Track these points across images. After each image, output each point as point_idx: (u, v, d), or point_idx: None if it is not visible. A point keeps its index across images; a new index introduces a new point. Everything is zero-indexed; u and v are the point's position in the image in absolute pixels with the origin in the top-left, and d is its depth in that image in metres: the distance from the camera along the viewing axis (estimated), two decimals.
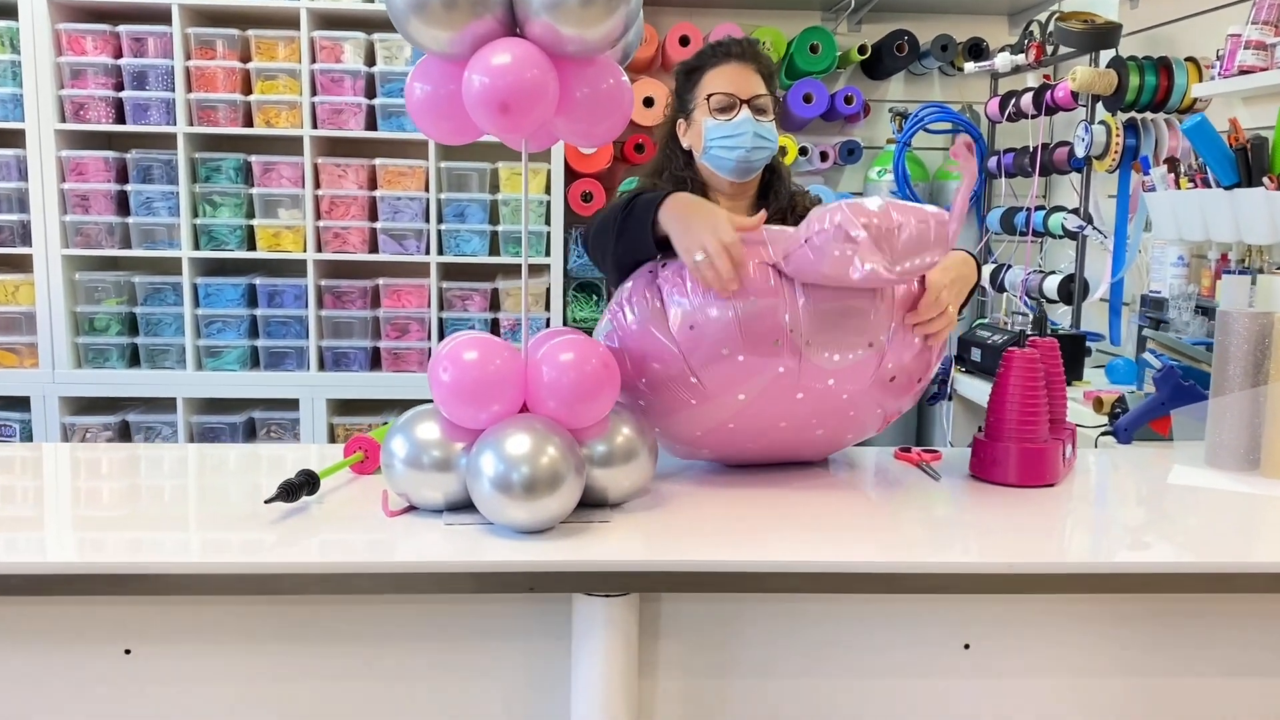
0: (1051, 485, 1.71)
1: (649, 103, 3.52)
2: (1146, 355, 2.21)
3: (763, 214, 1.61)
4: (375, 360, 3.48)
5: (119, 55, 3.28)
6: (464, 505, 1.45)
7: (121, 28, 3.26)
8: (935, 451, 1.88)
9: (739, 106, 1.92)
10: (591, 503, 1.51)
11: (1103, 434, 2.12)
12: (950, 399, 2.93)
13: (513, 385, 1.44)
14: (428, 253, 3.40)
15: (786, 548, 1.39)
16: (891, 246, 1.44)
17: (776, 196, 2.05)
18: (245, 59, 3.33)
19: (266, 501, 1.45)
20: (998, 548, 1.42)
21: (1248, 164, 2.31)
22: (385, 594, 1.38)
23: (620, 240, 1.67)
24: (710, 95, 1.93)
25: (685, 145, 2.01)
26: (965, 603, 1.45)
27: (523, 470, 1.36)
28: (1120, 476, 1.88)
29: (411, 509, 1.50)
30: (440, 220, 3.40)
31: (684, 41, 3.49)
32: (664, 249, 1.63)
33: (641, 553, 1.38)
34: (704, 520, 1.50)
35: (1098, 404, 2.37)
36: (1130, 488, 1.82)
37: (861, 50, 3.59)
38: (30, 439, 3.37)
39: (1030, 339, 1.86)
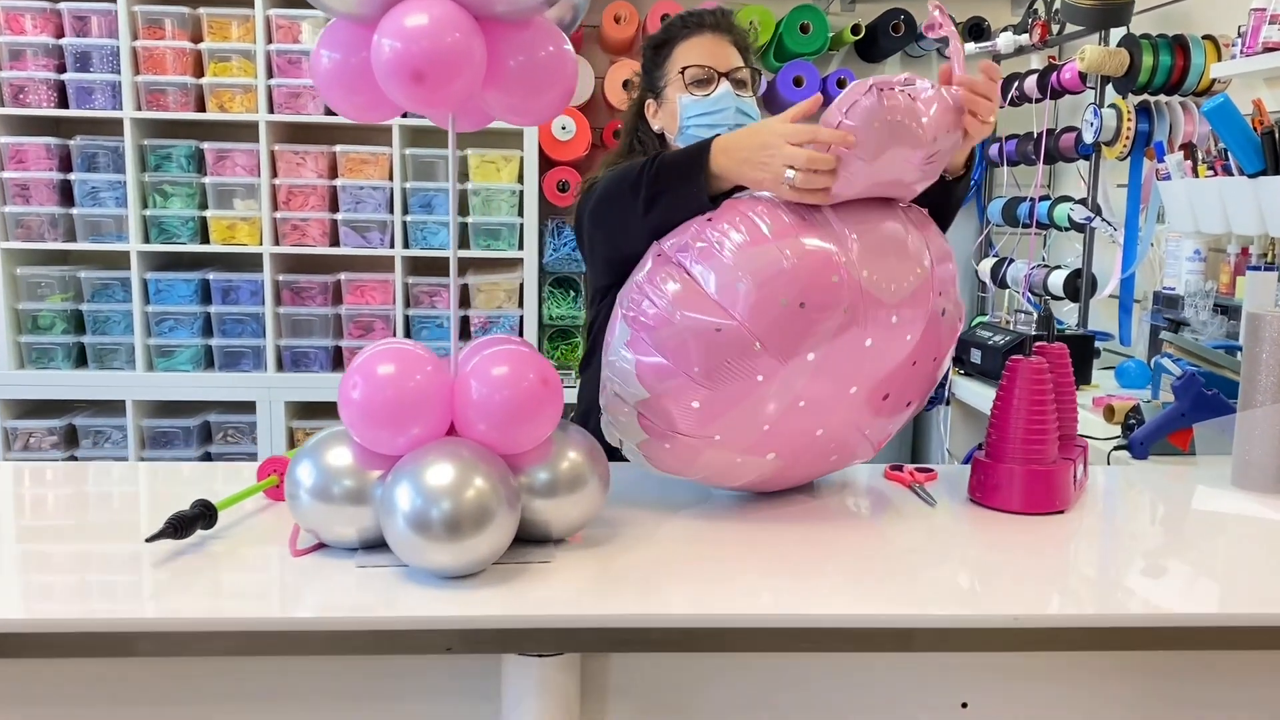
0: (1061, 512, 1.51)
1: (628, 85, 3.30)
2: (1164, 361, 2.01)
3: (817, 96, 1.40)
4: (337, 360, 3.27)
5: (61, 34, 3.07)
6: (381, 543, 1.24)
7: (63, 5, 3.05)
8: (930, 470, 1.68)
9: (717, 80, 1.73)
10: (532, 538, 1.31)
11: (1116, 448, 1.92)
12: (948, 403, 2.73)
13: (436, 404, 1.23)
14: (392, 246, 3.19)
15: (756, 598, 1.19)
16: (924, 117, 1.30)
17: None
18: (196, 39, 3.12)
19: (149, 539, 1.24)
20: (1000, 595, 1.21)
21: (1274, 149, 2.10)
22: (277, 655, 1.18)
23: (656, 205, 1.41)
24: (685, 69, 1.73)
25: (656, 128, 1.82)
26: (963, 657, 1.25)
27: (444, 506, 1.16)
28: (1136, 500, 1.68)
29: (322, 546, 1.30)
30: (406, 211, 3.19)
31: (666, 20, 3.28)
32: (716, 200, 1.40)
33: (585, 603, 1.18)
34: (663, 560, 1.30)
35: (1109, 412, 2.17)
36: (1148, 515, 1.62)
37: (855, 30, 3.38)
38: None
39: (1037, 344, 1.66)
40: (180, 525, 1.27)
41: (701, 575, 1.25)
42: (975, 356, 2.66)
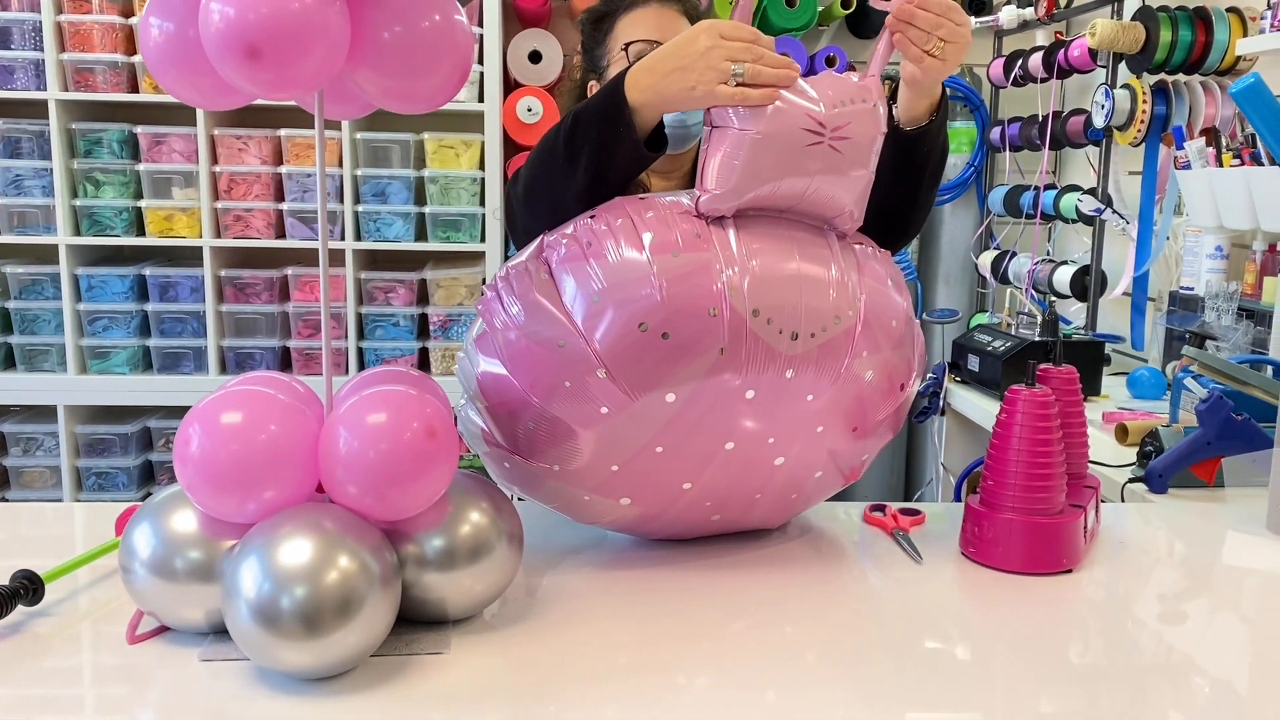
0: (1069, 571, 1.27)
1: (568, 65, 3.05)
2: (1185, 379, 1.76)
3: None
4: (285, 361, 3.03)
5: None
6: None
7: None
8: (917, 513, 1.44)
9: None
10: (423, 619, 1.07)
11: (1131, 480, 1.68)
12: (943, 414, 2.49)
13: (297, 461, 0.99)
14: (343, 238, 2.94)
15: (696, 710, 0.95)
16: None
17: None
18: (127, 14, 2.86)
19: None
20: (992, 700, 0.98)
21: None
22: None
23: (582, 165, 1.18)
24: (628, 45, 1.49)
25: None
26: None
27: (298, 593, 0.92)
28: (1158, 551, 1.44)
29: (165, 629, 1.06)
30: (357, 200, 2.94)
31: None
32: (658, 146, 1.19)
33: (488, 708, 0.95)
34: (590, 645, 1.06)
35: (1121, 432, 1.93)
36: (1172, 573, 1.37)
37: (845, 4, 3.12)
38: None
39: (1041, 367, 1.42)
40: None
41: (634, 665, 1.02)
42: (973, 363, 2.41)
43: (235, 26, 0.88)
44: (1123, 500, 1.65)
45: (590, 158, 1.19)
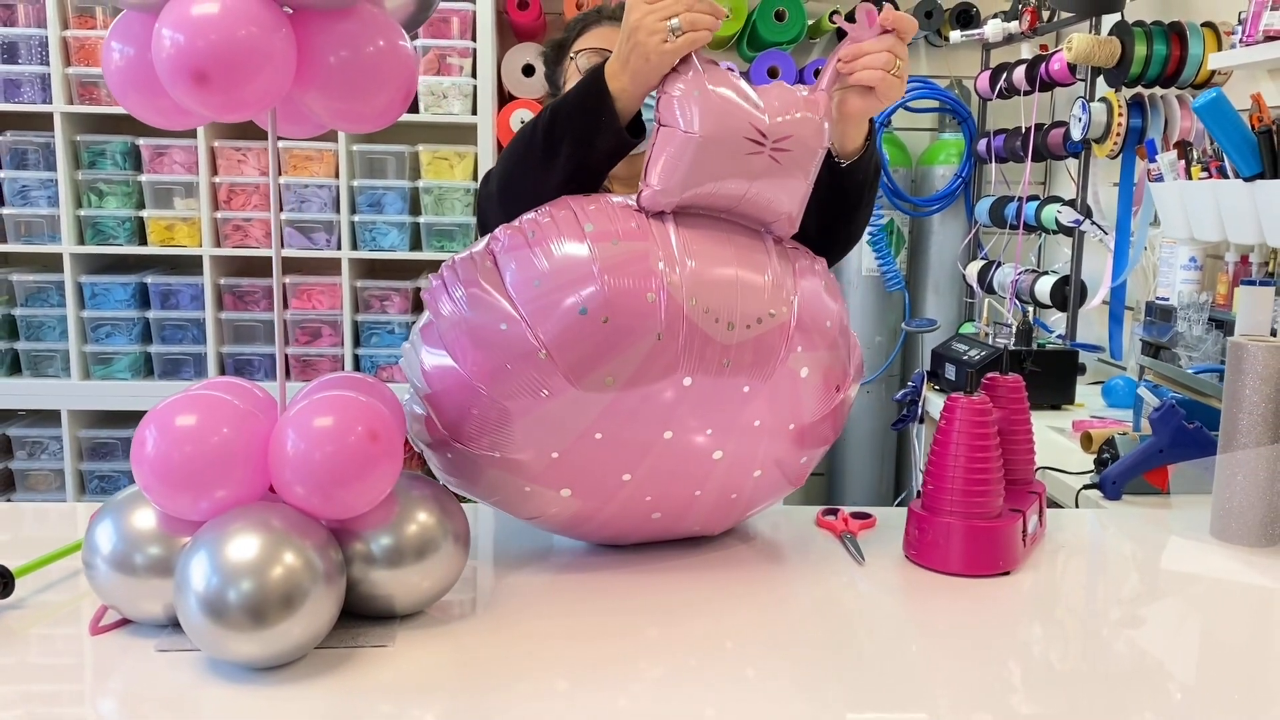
0: (1006, 573, 1.31)
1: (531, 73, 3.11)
2: (1141, 390, 1.80)
3: None
4: (284, 368, 3.09)
5: None
6: None
7: None
8: (868, 517, 1.49)
9: None
10: (372, 614, 1.12)
11: (1086, 486, 1.71)
12: (922, 421, 2.52)
13: (248, 462, 1.05)
14: (339, 247, 3.01)
15: (637, 699, 1.00)
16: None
17: None
18: None
19: None
20: (921, 697, 1.02)
21: (1273, 150, 1.89)
22: None
23: (562, 155, 1.24)
24: (576, 53, 1.56)
25: None
26: None
27: (244, 587, 0.98)
28: (1098, 555, 1.48)
29: (126, 622, 1.12)
30: (354, 210, 3.01)
31: None
32: (638, 134, 1.25)
33: (429, 698, 1.00)
34: (532, 640, 1.11)
35: (1086, 440, 1.96)
36: (1108, 576, 1.41)
37: (834, 18, 3.16)
38: None
39: (987, 375, 1.47)
40: None
41: (577, 660, 1.06)
42: (949, 372, 2.45)
43: (184, 52, 0.93)
44: (1076, 506, 1.69)
45: (572, 148, 1.23)
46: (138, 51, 1.03)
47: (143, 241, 3.01)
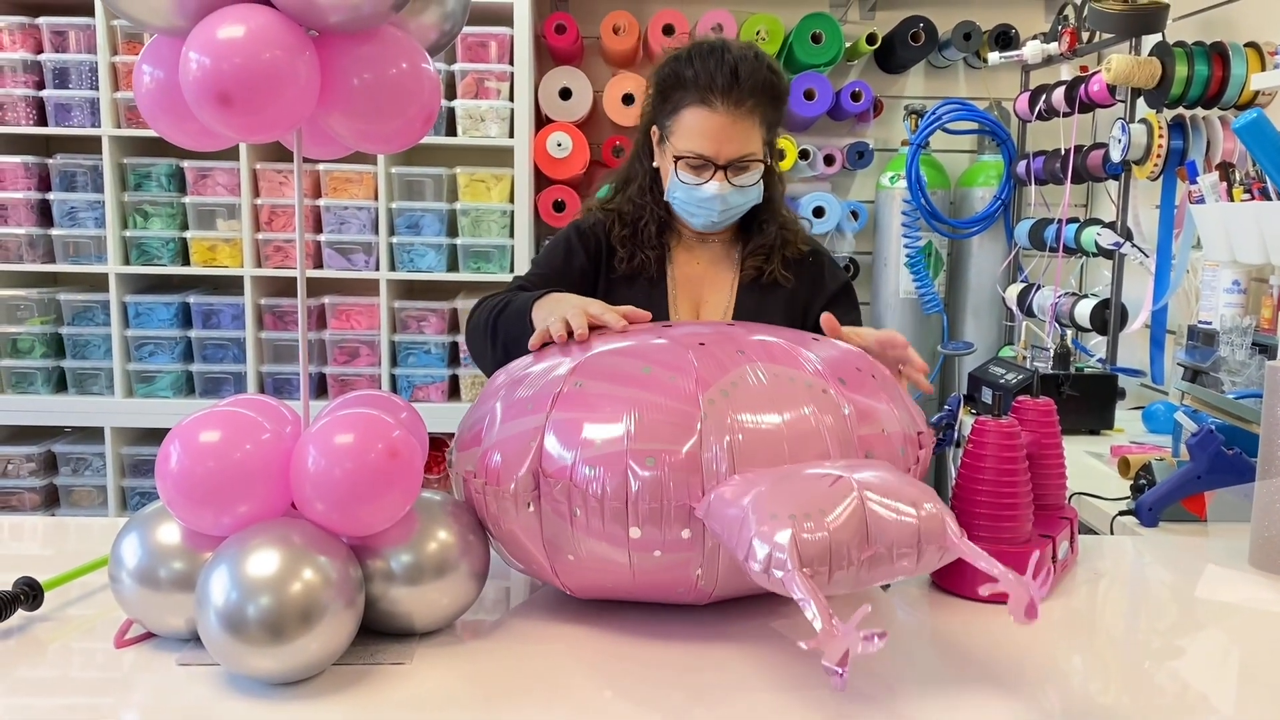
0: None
1: (628, 100, 3.13)
2: (1179, 415, 1.76)
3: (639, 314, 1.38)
4: (321, 387, 3.13)
5: (39, 50, 2.97)
6: None
7: (42, 20, 2.95)
8: None
9: (712, 172, 1.56)
10: (391, 631, 1.13)
11: (1122, 513, 1.68)
12: (958, 445, 2.49)
13: (270, 478, 1.06)
14: (378, 268, 3.04)
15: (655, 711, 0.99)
16: (849, 561, 1.00)
17: (761, 230, 1.70)
18: None
19: None
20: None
21: None
22: None
23: (500, 343, 1.51)
24: (680, 157, 1.57)
25: (655, 164, 1.68)
26: None
27: (263, 602, 0.99)
28: (1133, 583, 1.45)
29: (150, 636, 1.13)
30: (392, 232, 3.04)
31: (668, 31, 3.09)
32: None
33: (446, 716, 1.00)
34: (549, 662, 1.11)
35: (1123, 466, 1.93)
36: (1142, 605, 1.38)
37: (870, 40, 3.16)
38: None
39: (1017, 401, 1.45)
40: None
41: (594, 682, 1.06)
42: (986, 395, 2.42)
43: (209, 75, 0.95)
44: (1111, 532, 1.66)
45: (508, 344, 1.48)
46: (167, 75, 1.05)
47: (186, 262, 3.07)
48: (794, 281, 1.70)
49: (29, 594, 1.16)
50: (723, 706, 1.01)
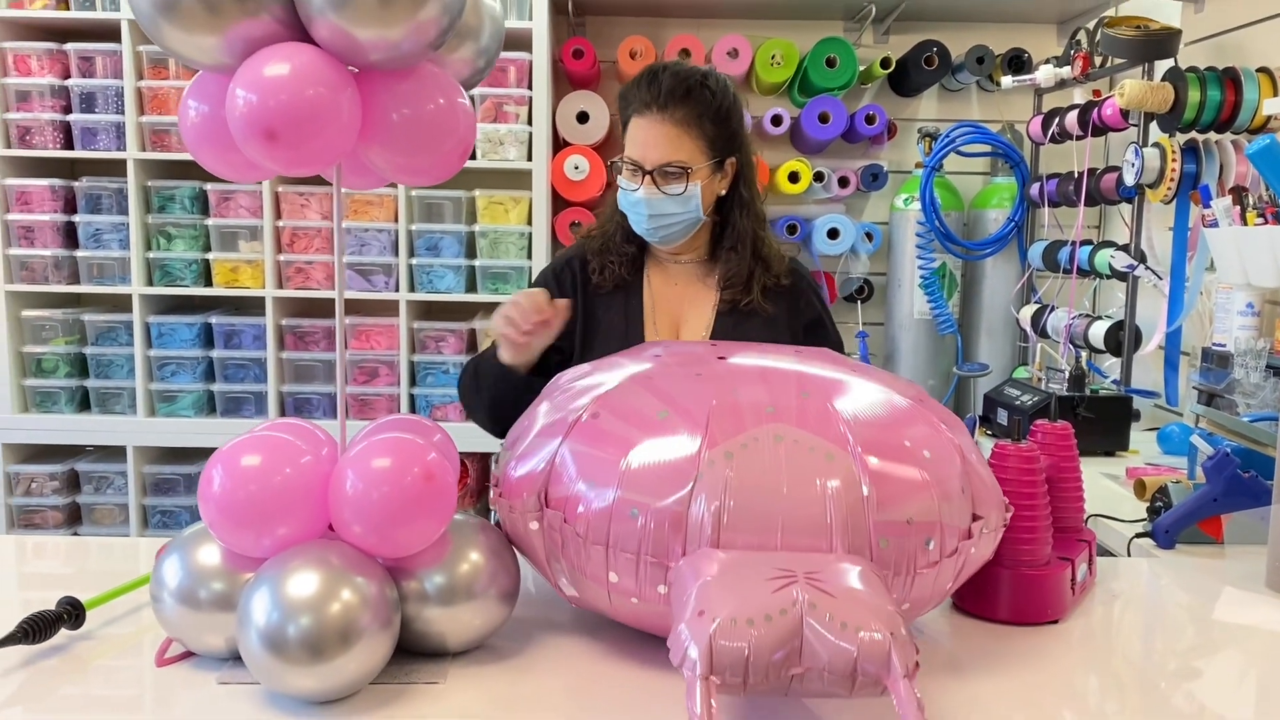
0: (1055, 621, 1.31)
1: None
2: (1195, 438, 1.78)
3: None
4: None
5: (67, 75, 3.02)
6: None
7: (69, 46, 3.00)
8: None
9: (642, 176, 1.63)
10: (425, 650, 1.15)
11: (1138, 535, 1.70)
12: None
13: (308, 501, 1.09)
14: (398, 289, 3.08)
15: None
16: (769, 676, 0.94)
17: (728, 259, 1.73)
18: None
19: None
20: None
21: None
22: None
23: (487, 394, 1.70)
24: (611, 161, 1.70)
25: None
26: None
27: (303, 622, 1.01)
28: (1150, 604, 1.47)
29: (190, 654, 1.16)
30: (411, 254, 3.08)
31: (684, 55, 3.14)
32: (527, 390, 1.48)
33: None
34: (583, 680, 1.13)
35: (1139, 488, 1.94)
36: (1160, 626, 1.40)
37: (885, 64, 3.19)
38: None
39: (1035, 421, 1.47)
40: (34, 630, 1.14)
41: (625, 702, 1.08)
42: (1001, 417, 2.44)
43: (255, 111, 0.99)
44: (1129, 555, 1.67)
45: (494, 393, 1.69)
46: (212, 109, 1.08)
47: (208, 283, 3.11)
48: (773, 308, 1.73)
49: (71, 613, 1.18)
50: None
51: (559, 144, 3.24)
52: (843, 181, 3.31)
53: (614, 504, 1.09)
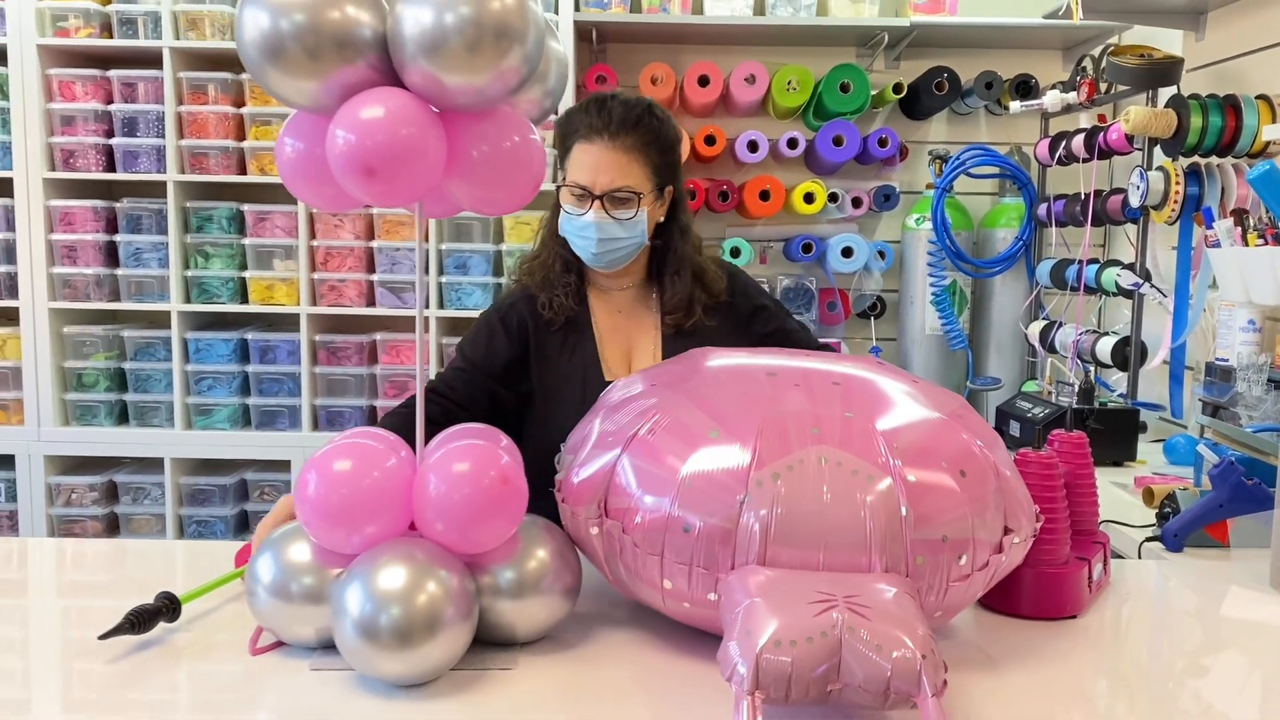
0: (1073, 617, 1.41)
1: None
2: (1201, 448, 1.89)
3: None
4: (371, 419, 3.27)
5: (110, 101, 3.14)
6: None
7: (113, 72, 3.12)
8: None
9: (590, 202, 1.68)
10: (495, 640, 1.26)
11: (1148, 539, 1.80)
12: None
13: (393, 503, 1.19)
14: (427, 306, 3.19)
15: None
16: (809, 691, 1.03)
17: (672, 284, 1.79)
18: (239, 104, 3.17)
19: (101, 637, 1.22)
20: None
21: None
22: None
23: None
24: (563, 184, 1.72)
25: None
26: None
27: (393, 612, 1.12)
28: (1161, 602, 1.57)
29: (280, 644, 1.26)
30: (441, 272, 3.19)
31: (703, 82, 3.25)
32: None
33: (548, 716, 1.13)
34: (641, 670, 1.23)
35: (1148, 495, 2.05)
36: (1171, 621, 1.50)
37: (896, 89, 3.31)
38: (14, 500, 3.22)
39: (1052, 432, 1.57)
40: (139, 620, 1.24)
41: (678, 688, 1.18)
42: (1014, 429, 2.55)
43: (355, 150, 1.09)
44: (1139, 557, 1.77)
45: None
46: (307, 146, 1.19)
47: (244, 300, 3.22)
48: (716, 321, 1.80)
49: (169, 607, 1.28)
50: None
51: None
52: (856, 202, 3.43)
53: (668, 517, 1.18)
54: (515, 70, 1.11)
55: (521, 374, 1.77)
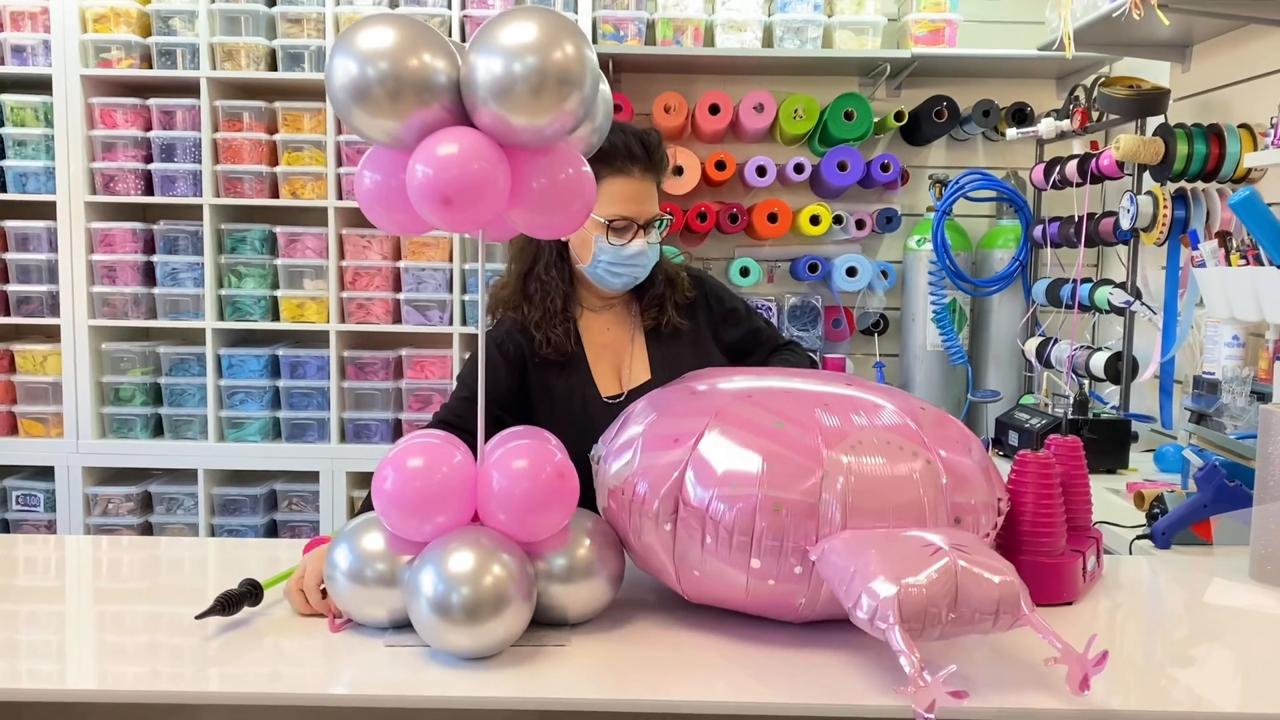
0: (1069, 603, 1.55)
1: (678, 171, 3.44)
2: (1187, 452, 2.03)
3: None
4: (397, 432, 3.41)
5: (149, 128, 3.29)
6: (408, 623, 1.34)
7: (152, 101, 3.28)
8: None
9: (635, 231, 1.79)
10: (548, 621, 1.39)
11: (1138, 537, 1.94)
12: None
13: (460, 495, 1.33)
14: (451, 323, 3.34)
15: (764, 688, 1.25)
16: (939, 620, 1.21)
17: (653, 284, 1.91)
18: (272, 130, 3.33)
19: (197, 617, 1.36)
20: (992, 688, 1.26)
21: None
22: None
23: None
24: (610, 221, 1.77)
25: (565, 238, 1.86)
26: None
27: (463, 591, 1.26)
28: (1150, 591, 1.71)
29: (352, 623, 1.40)
30: (465, 291, 3.34)
31: (714, 110, 3.41)
32: None
33: (600, 687, 1.26)
34: (679, 649, 1.37)
35: (1139, 499, 2.19)
36: (1160, 608, 1.65)
37: (898, 117, 3.47)
38: (54, 510, 3.36)
39: (1049, 437, 1.72)
40: (228, 603, 1.38)
41: (714, 663, 1.32)
42: (1013, 439, 2.69)
43: (433, 182, 1.24)
44: (1130, 553, 1.91)
45: None
46: (384, 177, 1.34)
47: (276, 318, 3.36)
48: (689, 324, 1.92)
49: (253, 592, 1.42)
50: (807, 683, 1.27)
51: None
52: (859, 224, 3.58)
53: (759, 500, 1.31)
54: (573, 113, 1.26)
55: (522, 399, 1.84)
